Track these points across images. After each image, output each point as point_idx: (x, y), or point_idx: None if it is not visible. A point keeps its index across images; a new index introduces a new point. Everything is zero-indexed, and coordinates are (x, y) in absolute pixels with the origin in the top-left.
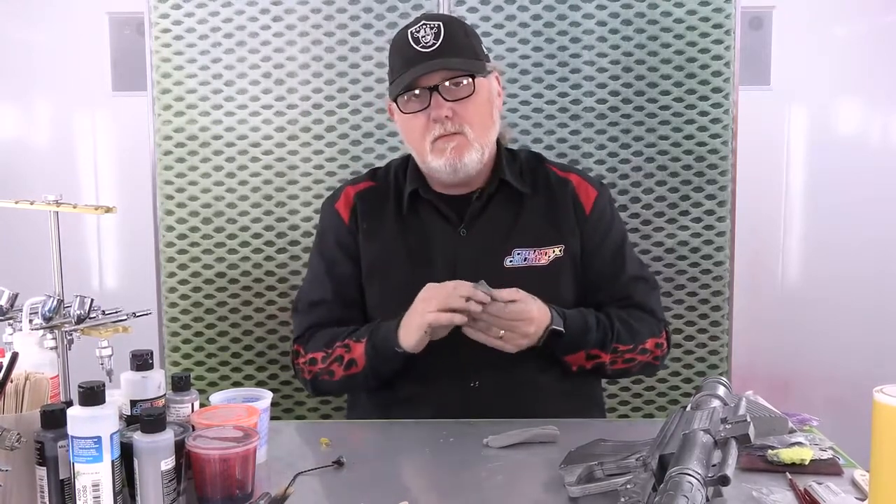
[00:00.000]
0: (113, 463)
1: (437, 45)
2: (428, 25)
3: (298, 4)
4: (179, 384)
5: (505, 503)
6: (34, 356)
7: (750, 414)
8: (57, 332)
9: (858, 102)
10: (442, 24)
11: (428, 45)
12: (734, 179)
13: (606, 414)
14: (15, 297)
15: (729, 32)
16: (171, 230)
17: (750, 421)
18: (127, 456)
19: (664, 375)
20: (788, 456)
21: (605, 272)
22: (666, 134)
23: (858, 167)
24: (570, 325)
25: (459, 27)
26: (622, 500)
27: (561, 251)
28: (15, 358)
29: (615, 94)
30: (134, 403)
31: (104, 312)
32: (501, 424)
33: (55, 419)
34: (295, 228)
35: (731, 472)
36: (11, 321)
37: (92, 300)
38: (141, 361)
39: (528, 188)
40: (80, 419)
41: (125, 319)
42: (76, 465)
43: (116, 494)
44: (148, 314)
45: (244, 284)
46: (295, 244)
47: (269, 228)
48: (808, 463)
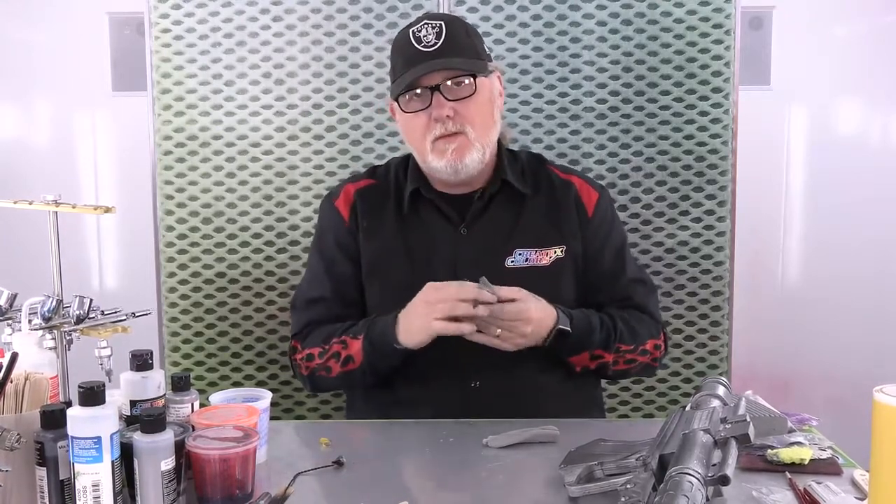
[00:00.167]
0: (113, 463)
1: (438, 44)
2: (430, 25)
3: (298, 4)
4: (179, 384)
5: (505, 503)
6: (33, 356)
7: (750, 414)
8: (56, 332)
9: (858, 102)
10: (444, 23)
11: (430, 44)
12: (734, 179)
13: (606, 414)
14: (14, 297)
15: (729, 32)
16: (171, 230)
17: (750, 421)
18: (127, 456)
19: (664, 375)
20: (788, 456)
21: (606, 274)
22: (666, 134)
23: (858, 167)
24: (575, 325)
25: (461, 27)
26: (622, 500)
27: (562, 252)
28: (14, 358)
29: (615, 94)
30: (134, 403)
31: (103, 312)
32: (501, 424)
33: (55, 419)
34: (295, 228)
35: (730, 471)
36: (10, 321)
37: (91, 300)
38: (141, 361)
39: (529, 189)
40: (80, 419)
41: (124, 319)
42: (76, 465)
43: (116, 495)
44: (147, 314)
45: (244, 284)
46: (295, 244)
47: (269, 228)
48: (807, 463)
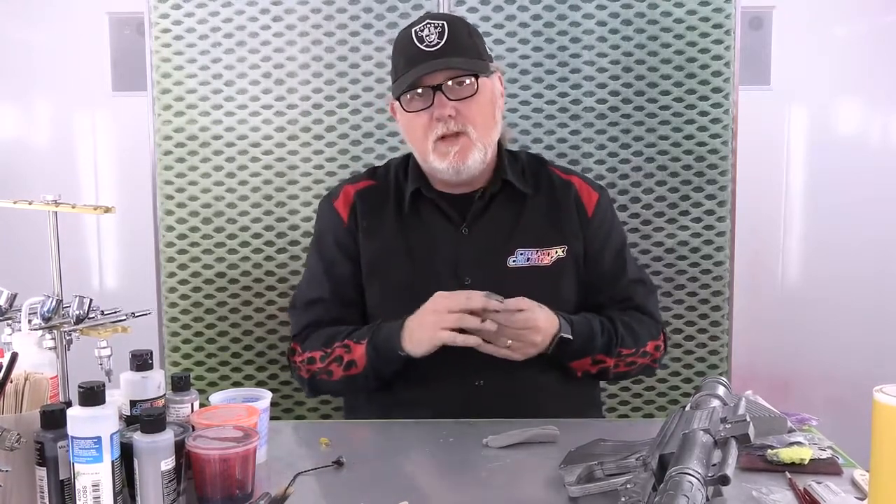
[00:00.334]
0: (113, 463)
1: (440, 44)
2: (432, 25)
3: (298, 4)
4: (179, 384)
5: (505, 503)
6: (33, 356)
7: (749, 414)
8: (56, 332)
9: (858, 102)
10: (446, 23)
11: (432, 44)
12: (734, 179)
13: (606, 414)
14: (14, 297)
15: (729, 32)
16: (171, 230)
17: (749, 421)
18: (127, 456)
19: (664, 375)
20: (788, 455)
21: (606, 274)
22: (666, 134)
23: (858, 167)
24: (576, 331)
25: (463, 27)
26: (622, 499)
27: (564, 252)
28: (14, 358)
29: (615, 94)
30: (134, 403)
31: (103, 312)
32: (501, 424)
33: (55, 419)
34: (295, 228)
35: (730, 471)
36: (10, 321)
37: (91, 300)
38: (141, 361)
39: (530, 189)
40: (80, 419)
41: (124, 319)
42: (76, 465)
43: (116, 495)
44: (147, 314)
45: (244, 284)
46: (295, 244)
47: (269, 228)
48: (807, 462)
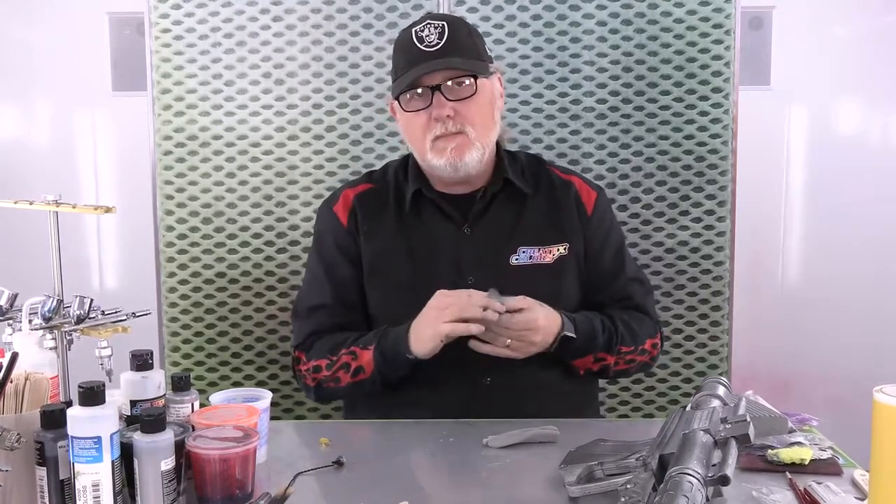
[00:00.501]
0: (113, 463)
1: (440, 44)
2: (432, 25)
3: (298, 4)
4: (179, 384)
5: (505, 503)
6: (34, 356)
7: (750, 414)
8: (56, 332)
9: (858, 102)
10: (446, 23)
11: (431, 44)
12: (734, 179)
13: (606, 414)
14: (14, 297)
15: (729, 32)
16: (171, 230)
17: (750, 421)
18: (127, 456)
19: (664, 375)
20: (788, 456)
21: (606, 273)
22: (666, 134)
23: (858, 167)
24: (579, 330)
25: (463, 27)
26: (622, 500)
27: (565, 249)
28: (15, 358)
29: (615, 94)
30: (134, 403)
31: (104, 312)
32: (501, 424)
33: (55, 419)
34: (295, 228)
35: (731, 471)
36: (11, 321)
37: (91, 300)
38: (141, 361)
39: (530, 188)
40: (80, 419)
41: (125, 319)
42: (76, 465)
43: (116, 494)
44: (148, 314)
45: (244, 284)
46: (295, 244)
47: (269, 228)
48: (807, 463)
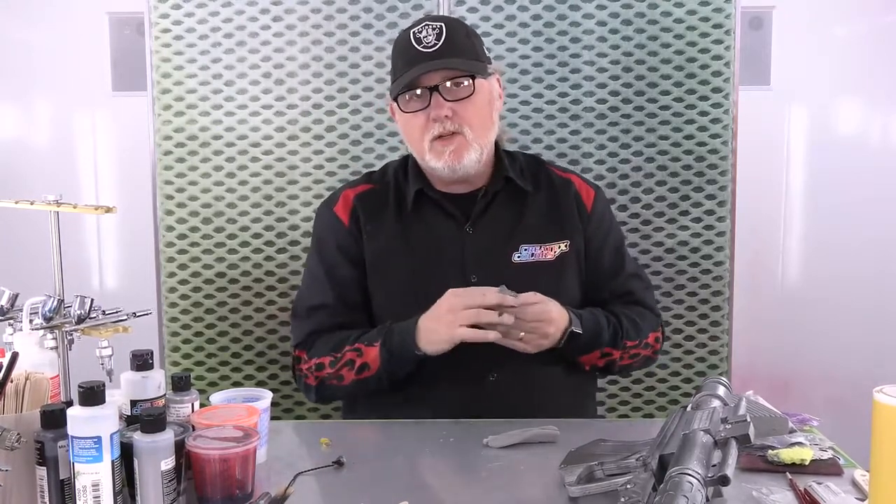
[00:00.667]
0: (113, 463)
1: (438, 45)
2: (430, 26)
3: (298, 4)
4: (179, 384)
5: (505, 503)
6: (34, 356)
7: (750, 414)
8: (57, 332)
9: (858, 102)
10: (444, 24)
11: (430, 45)
12: (734, 179)
13: (606, 414)
14: (15, 297)
15: (729, 32)
16: (171, 230)
17: (750, 421)
18: (127, 456)
19: (664, 375)
20: (788, 456)
21: (607, 270)
22: (666, 134)
23: (858, 167)
24: (585, 326)
25: (461, 28)
26: (622, 500)
27: (567, 247)
28: (15, 358)
29: (615, 94)
30: (134, 403)
31: (104, 312)
32: (501, 424)
33: (55, 419)
34: (295, 228)
35: (731, 472)
36: (12, 321)
37: (92, 300)
38: (141, 361)
39: (530, 186)
40: (80, 419)
41: (125, 319)
42: (76, 465)
43: (116, 494)
44: (148, 314)
45: (244, 284)
46: (295, 244)
47: (269, 228)
48: (808, 463)
